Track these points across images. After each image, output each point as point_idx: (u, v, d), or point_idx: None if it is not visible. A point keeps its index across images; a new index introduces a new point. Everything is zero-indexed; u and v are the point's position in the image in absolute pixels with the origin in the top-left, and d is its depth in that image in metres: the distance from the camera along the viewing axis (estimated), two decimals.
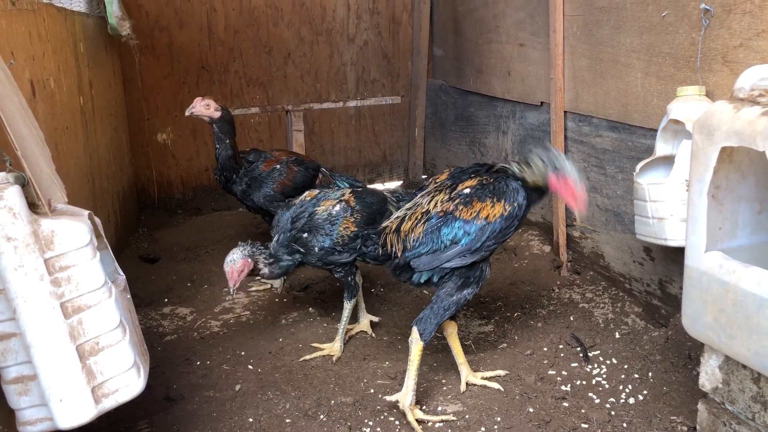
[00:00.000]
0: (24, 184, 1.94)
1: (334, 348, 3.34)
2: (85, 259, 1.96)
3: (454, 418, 2.79)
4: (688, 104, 2.82)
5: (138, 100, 5.71)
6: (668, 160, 3.00)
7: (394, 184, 6.60)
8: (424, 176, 6.62)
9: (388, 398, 2.87)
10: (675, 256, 3.26)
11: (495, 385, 2.97)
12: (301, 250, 3.20)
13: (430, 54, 6.33)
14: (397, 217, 2.95)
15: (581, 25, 3.78)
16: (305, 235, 3.19)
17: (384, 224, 2.98)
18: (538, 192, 2.88)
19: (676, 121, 2.87)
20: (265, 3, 5.90)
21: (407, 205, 2.97)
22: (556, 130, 4.09)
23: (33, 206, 1.95)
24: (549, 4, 3.99)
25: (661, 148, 3.04)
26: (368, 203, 3.29)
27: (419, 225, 2.83)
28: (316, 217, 3.20)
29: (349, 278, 3.33)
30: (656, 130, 3.08)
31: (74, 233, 1.94)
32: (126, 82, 5.58)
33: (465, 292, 2.83)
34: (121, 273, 2.36)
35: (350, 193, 3.31)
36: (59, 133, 3.39)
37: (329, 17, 6.14)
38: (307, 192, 3.40)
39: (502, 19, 4.77)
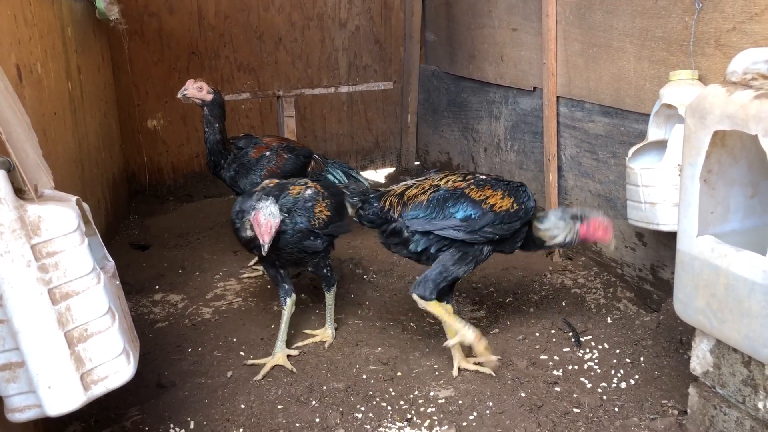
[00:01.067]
0: (9, 170, 1.90)
1: (326, 334, 3.32)
2: (73, 244, 1.93)
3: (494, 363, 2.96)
4: (680, 88, 2.81)
5: (128, 86, 5.65)
6: (661, 145, 3.00)
7: (386, 171, 6.59)
8: (417, 163, 6.60)
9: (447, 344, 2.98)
10: (667, 240, 3.26)
11: (487, 370, 2.98)
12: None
13: (423, 39, 6.29)
14: (405, 185, 3.05)
15: (574, 9, 3.75)
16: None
17: (388, 188, 3.09)
18: (534, 242, 3.03)
19: (669, 106, 2.86)
20: None
21: (416, 179, 3.09)
22: (548, 116, 4.07)
23: (19, 192, 1.92)
24: None
25: (654, 132, 3.03)
26: (333, 192, 3.19)
27: (425, 194, 2.93)
28: (290, 199, 3.02)
29: (325, 270, 3.23)
30: (649, 115, 3.07)
31: (61, 219, 1.91)
32: (115, 67, 5.52)
33: (463, 265, 2.90)
34: (110, 259, 2.33)
35: (313, 182, 3.21)
36: (47, 119, 3.35)
37: (320, 2, 6.09)
38: (267, 180, 3.29)
39: (495, 3, 4.74)
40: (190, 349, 3.29)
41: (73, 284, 1.92)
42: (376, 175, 6.60)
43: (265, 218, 2.80)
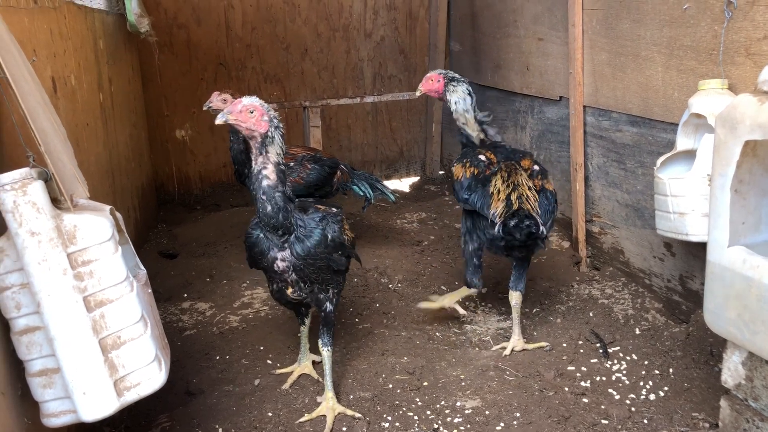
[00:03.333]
0: (47, 180, 1.96)
1: (334, 407, 2.82)
2: (107, 253, 1.97)
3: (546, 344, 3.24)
4: (710, 98, 2.79)
5: (157, 97, 5.74)
6: (690, 155, 2.97)
7: (411, 180, 6.60)
8: (441, 172, 6.60)
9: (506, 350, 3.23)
10: (696, 251, 3.22)
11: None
12: (300, 221, 2.66)
13: (447, 49, 6.31)
14: (510, 199, 3.05)
15: (601, 18, 3.74)
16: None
17: (504, 194, 3.06)
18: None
19: (698, 115, 2.84)
20: None
21: (499, 185, 3.10)
22: (575, 125, 4.06)
23: (56, 201, 1.97)
24: None
25: (683, 142, 3.01)
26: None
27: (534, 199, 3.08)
28: (319, 213, 2.77)
29: (332, 309, 2.86)
30: (677, 125, 3.05)
31: (96, 228, 1.96)
32: (145, 78, 5.61)
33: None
34: (143, 268, 2.37)
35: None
36: (80, 129, 3.42)
37: (346, 13, 6.14)
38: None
39: (520, 13, 4.74)
40: (218, 357, 3.32)
41: (108, 292, 1.97)
42: (401, 184, 6.62)
43: (245, 100, 2.52)
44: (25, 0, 2.65)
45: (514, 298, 3.28)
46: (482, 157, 3.28)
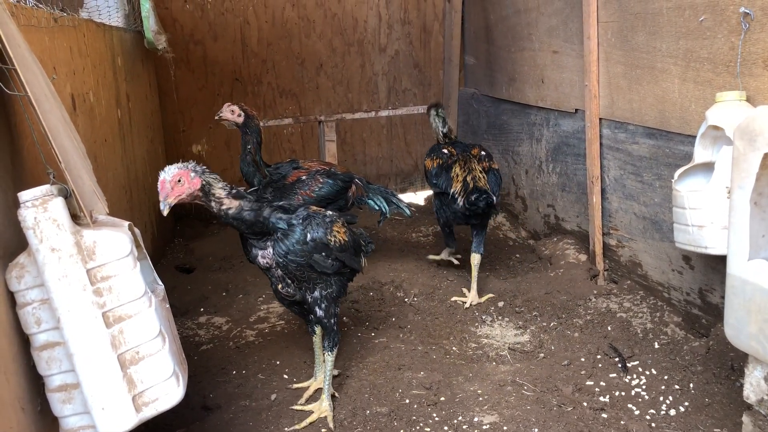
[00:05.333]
0: (67, 196, 1.98)
1: (322, 408, 2.91)
2: (126, 269, 1.99)
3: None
4: (728, 110, 2.77)
5: (173, 112, 5.80)
6: (708, 167, 2.95)
7: (426, 193, 6.60)
8: None
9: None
10: (715, 264, 3.19)
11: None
12: (280, 222, 2.73)
13: (462, 62, 6.32)
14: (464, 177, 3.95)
15: (616, 31, 3.74)
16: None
17: (462, 182, 3.93)
18: None
19: (716, 127, 2.82)
20: (298, 15, 5.96)
21: (458, 171, 4.00)
22: (591, 138, 4.04)
23: (75, 217, 1.99)
24: (583, 10, 3.96)
25: (701, 154, 2.99)
26: (353, 231, 3.13)
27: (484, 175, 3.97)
28: (308, 211, 2.84)
29: (330, 319, 2.90)
30: (694, 137, 3.03)
31: (115, 244, 1.97)
32: (162, 94, 5.67)
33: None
34: (160, 283, 2.39)
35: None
36: (98, 145, 3.46)
37: (361, 28, 6.18)
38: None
39: (535, 26, 4.75)
40: (234, 372, 3.32)
41: (126, 308, 1.98)
42: (415, 197, 6.62)
43: (160, 176, 2.48)
44: (46, 19, 2.70)
45: (476, 259, 4.07)
46: (445, 151, 4.21)
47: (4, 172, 2.01)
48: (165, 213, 2.48)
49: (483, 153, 4.14)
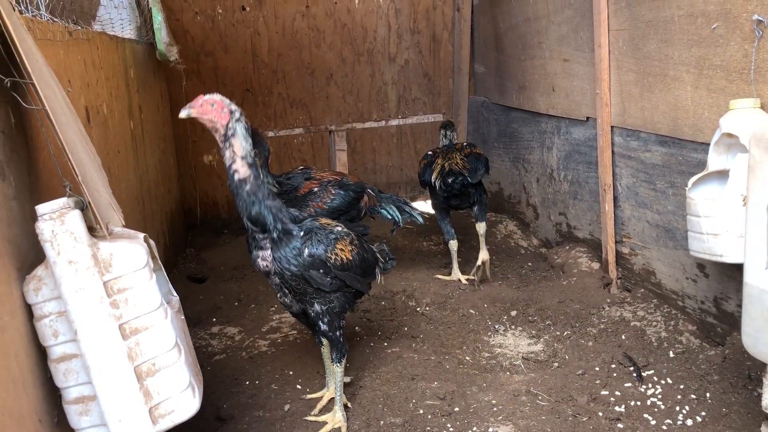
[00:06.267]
0: (83, 209, 1.99)
1: (336, 419, 2.89)
2: (142, 281, 1.99)
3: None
4: (742, 117, 2.76)
5: (184, 123, 5.83)
6: (722, 175, 2.94)
7: None
8: None
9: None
10: (731, 272, 3.17)
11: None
12: (277, 222, 2.66)
13: (471, 71, 6.33)
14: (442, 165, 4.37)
15: (627, 39, 3.73)
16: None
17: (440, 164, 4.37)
18: None
19: (730, 135, 2.81)
20: (308, 25, 5.99)
21: (440, 161, 4.40)
22: (602, 146, 4.03)
23: (92, 230, 2.00)
24: (593, 19, 3.96)
25: (715, 162, 2.97)
26: (368, 248, 3.08)
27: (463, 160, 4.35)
28: (315, 223, 2.80)
29: (335, 332, 2.85)
30: (708, 144, 3.02)
31: (132, 256, 1.98)
32: (173, 105, 5.70)
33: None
34: (175, 294, 2.39)
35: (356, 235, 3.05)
36: (112, 157, 3.48)
37: (370, 38, 6.20)
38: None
39: (545, 34, 4.75)
40: (247, 382, 3.32)
41: (142, 319, 1.98)
42: (426, 205, 6.60)
43: (206, 97, 2.57)
44: (61, 33, 2.72)
45: (481, 228, 4.49)
46: (430, 152, 4.65)
47: (21, 185, 2.02)
48: (181, 116, 2.56)
49: (465, 144, 4.55)
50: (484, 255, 4.49)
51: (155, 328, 2.01)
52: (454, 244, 4.53)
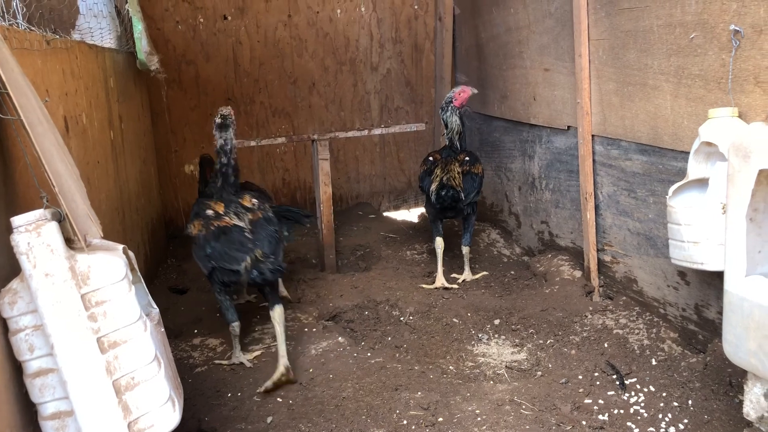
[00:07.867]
0: (60, 220, 1.96)
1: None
2: (121, 293, 1.96)
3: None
4: (721, 126, 2.79)
5: (166, 133, 5.79)
6: (702, 183, 2.96)
7: (419, 210, 6.60)
8: None
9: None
10: (711, 279, 3.19)
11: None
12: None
13: (453, 80, 6.35)
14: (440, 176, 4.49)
15: (607, 48, 3.76)
16: None
17: (439, 176, 4.48)
18: None
19: (709, 144, 2.83)
20: (290, 35, 5.98)
21: (438, 172, 4.53)
22: (584, 154, 4.06)
23: (69, 242, 1.97)
24: (574, 29, 3.99)
25: (694, 170, 3.00)
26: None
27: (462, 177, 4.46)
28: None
29: (219, 297, 3.56)
30: (688, 153, 3.04)
31: (110, 268, 1.95)
32: (154, 115, 5.67)
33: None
34: (155, 306, 2.36)
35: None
36: (91, 167, 3.44)
37: (353, 47, 6.21)
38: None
39: (526, 44, 4.78)
40: (229, 394, 3.29)
41: (121, 333, 1.96)
42: (409, 214, 6.62)
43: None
44: (38, 42, 2.69)
45: (465, 250, 4.69)
46: (431, 158, 4.70)
47: None
48: None
49: (467, 159, 4.58)
50: (467, 275, 4.69)
51: (134, 341, 1.98)
52: (439, 241, 4.62)
